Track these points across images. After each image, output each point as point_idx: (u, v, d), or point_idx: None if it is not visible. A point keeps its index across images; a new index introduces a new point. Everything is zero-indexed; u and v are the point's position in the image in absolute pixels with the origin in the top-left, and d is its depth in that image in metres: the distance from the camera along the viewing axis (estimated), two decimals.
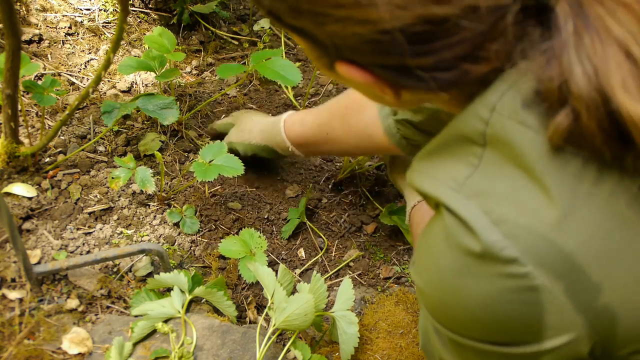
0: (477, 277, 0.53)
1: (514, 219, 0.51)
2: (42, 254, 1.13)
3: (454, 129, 0.57)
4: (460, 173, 0.55)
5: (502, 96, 0.52)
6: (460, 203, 0.53)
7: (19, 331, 1.00)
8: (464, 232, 0.53)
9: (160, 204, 1.29)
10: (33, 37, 1.55)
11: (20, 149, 1.21)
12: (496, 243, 0.51)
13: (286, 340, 1.12)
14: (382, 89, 0.58)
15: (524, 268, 0.50)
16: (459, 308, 0.57)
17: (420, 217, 1.06)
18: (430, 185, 0.58)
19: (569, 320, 0.52)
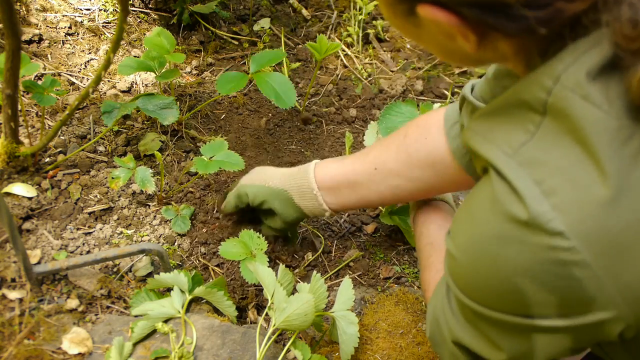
0: (519, 245, 0.53)
1: (564, 192, 0.51)
2: (42, 254, 1.13)
3: (515, 93, 0.56)
4: (516, 139, 0.54)
5: (568, 67, 0.51)
6: (513, 169, 0.53)
7: (19, 331, 1.00)
8: (513, 198, 0.53)
9: (160, 204, 1.29)
10: (33, 37, 1.55)
11: (20, 149, 1.21)
12: (544, 214, 0.51)
13: (286, 340, 1.12)
14: (466, 34, 0.54)
15: (568, 242, 0.50)
16: (494, 277, 0.56)
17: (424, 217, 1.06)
18: (485, 147, 0.57)
19: (606, 299, 0.52)
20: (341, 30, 1.86)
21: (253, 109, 1.58)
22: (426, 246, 0.98)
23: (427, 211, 1.06)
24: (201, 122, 1.51)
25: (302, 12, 1.91)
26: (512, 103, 0.57)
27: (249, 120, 1.54)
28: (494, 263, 0.56)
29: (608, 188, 0.49)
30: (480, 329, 0.64)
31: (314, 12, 1.93)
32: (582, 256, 0.50)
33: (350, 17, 1.87)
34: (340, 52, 1.79)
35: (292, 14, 1.91)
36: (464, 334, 0.67)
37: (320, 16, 1.92)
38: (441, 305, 0.72)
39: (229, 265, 1.24)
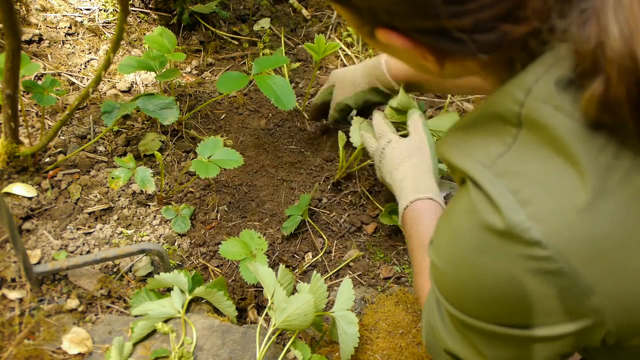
0: (497, 255, 0.53)
1: (541, 201, 0.51)
2: (42, 254, 1.13)
3: (489, 107, 0.57)
4: (492, 150, 0.55)
5: (538, 80, 0.51)
6: (489, 180, 0.53)
7: (19, 331, 1.00)
8: (489, 209, 0.53)
9: (160, 204, 1.29)
10: (33, 37, 1.55)
11: (20, 149, 1.21)
12: (520, 224, 0.51)
13: (286, 340, 1.12)
14: (424, 55, 0.57)
15: (545, 251, 0.50)
16: (475, 286, 0.57)
17: (413, 219, 1.04)
18: (461, 159, 0.58)
19: (586, 306, 0.52)
20: (341, 30, 1.86)
21: (253, 109, 1.58)
22: (417, 249, 0.97)
23: (416, 211, 1.04)
24: (201, 122, 1.51)
25: (302, 12, 1.91)
26: (486, 116, 0.57)
27: (249, 120, 1.54)
28: (474, 272, 0.56)
29: (587, 192, 0.49)
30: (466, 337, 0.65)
31: (314, 12, 1.93)
32: (560, 265, 0.50)
33: None
34: (340, 52, 1.79)
35: (292, 14, 1.91)
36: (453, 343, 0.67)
37: (320, 16, 1.92)
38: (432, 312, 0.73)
39: (228, 266, 1.24)
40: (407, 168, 1.11)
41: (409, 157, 1.13)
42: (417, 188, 1.07)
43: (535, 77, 0.51)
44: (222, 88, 1.27)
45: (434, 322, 0.71)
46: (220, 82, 1.28)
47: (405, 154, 1.14)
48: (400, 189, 1.10)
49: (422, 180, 1.09)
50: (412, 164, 1.12)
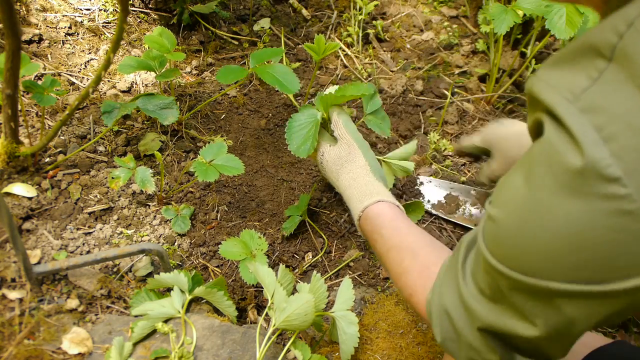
0: (572, 197, 0.52)
1: (625, 138, 0.50)
2: (42, 254, 1.13)
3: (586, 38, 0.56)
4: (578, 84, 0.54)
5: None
6: (573, 115, 0.52)
7: (19, 331, 1.00)
8: (568, 146, 0.52)
9: (160, 204, 1.29)
10: (33, 37, 1.55)
11: (20, 149, 1.21)
12: (601, 160, 0.50)
13: (286, 340, 1.12)
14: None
15: (624, 189, 0.49)
16: (546, 237, 0.55)
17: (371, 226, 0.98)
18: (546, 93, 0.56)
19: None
20: (341, 30, 1.86)
21: (253, 109, 1.58)
22: (390, 251, 0.92)
23: (370, 218, 0.99)
24: (201, 122, 1.51)
25: (302, 12, 1.91)
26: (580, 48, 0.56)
27: (249, 120, 1.54)
28: (545, 218, 0.54)
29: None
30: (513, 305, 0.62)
31: (314, 12, 1.93)
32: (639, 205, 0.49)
33: (350, 17, 1.87)
34: (340, 52, 1.79)
35: (292, 14, 1.91)
36: (493, 315, 0.64)
37: (320, 16, 1.92)
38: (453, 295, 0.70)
39: (228, 266, 1.24)
40: (344, 178, 1.08)
41: (342, 166, 1.10)
42: (361, 195, 1.03)
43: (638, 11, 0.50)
44: (222, 79, 1.27)
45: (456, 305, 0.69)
46: (220, 73, 1.28)
47: (339, 163, 1.11)
48: (348, 201, 1.07)
49: (363, 184, 1.05)
50: (347, 171, 1.09)
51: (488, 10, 1.52)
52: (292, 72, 1.27)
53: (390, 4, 1.99)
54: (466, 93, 1.73)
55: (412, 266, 0.87)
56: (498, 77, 1.73)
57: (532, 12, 1.33)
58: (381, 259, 0.96)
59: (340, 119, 1.15)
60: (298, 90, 1.26)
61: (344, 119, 1.15)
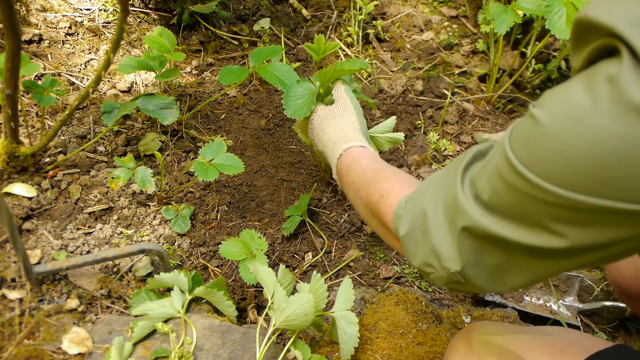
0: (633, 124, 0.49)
1: None
2: (42, 254, 1.13)
3: None
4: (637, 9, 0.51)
5: None
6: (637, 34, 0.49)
7: (19, 331, 1.00)
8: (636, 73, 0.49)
9: (160, 204, 1.29)
10: (33, 37, 1.55)
11: (20, 149, 1.21)
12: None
13: (286, 340, 1.12)
14: None
15: None
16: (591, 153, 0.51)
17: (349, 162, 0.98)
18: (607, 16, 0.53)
19: None
20: (341, 30, 1.86)
21: (253, 109, 1.58)
22: (365, 175, 0.91)
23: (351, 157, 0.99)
24: (201, 122, 1.51)
25: (302, 12, 1.91)
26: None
27: (249, 120, 1.54)
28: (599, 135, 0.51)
29: None
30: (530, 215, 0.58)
31: (314, 12, 1.93)
32: None
33: (350, 17, 1.87)
34: (340, 52, 1.79)
35: (292, 14, 1.91)
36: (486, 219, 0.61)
37: (320, 16, 1.92)
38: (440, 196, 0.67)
39: (228, 266, 1.24)
40: (333, 128, 1.10)
41: (334, 119, 1.12)
42: (345, 139, 1.05)
43: None
44: (223, 80, 1.27)
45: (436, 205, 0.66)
46: (222, 74, 1.27)
47: (330, 116, 1.13)
48: (330, 144, 1.07)
49: (350, 134, 1.07)
50: (337, 123, 1.11)
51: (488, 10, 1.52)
52: (293, 71, 1.27)
53: (390, 4, 1.99)
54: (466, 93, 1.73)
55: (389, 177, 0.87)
56: (498, 77, 1.73)
57: (532, 12, 1.33)
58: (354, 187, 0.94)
59: (343, 85, 1.19)
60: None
61: (345, 86, 1.19)
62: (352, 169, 0.97)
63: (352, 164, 0.97)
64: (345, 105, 1.14)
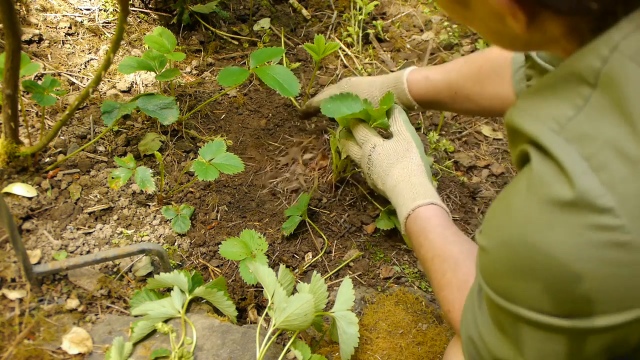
0: (563, 228, 0.50)
1: (615, 167, 0.48)
2: (42, 254, 1.13)
3: (567, 66, 0.54)
4: (563, 113, 0.52)
5: (628, 36, 0.49)
6: (560, 146, 0.51)
7: (19, 331, 1.00)
8: (557, 178, 0.50)
9: (160, 204, 1.29)
10: (33, 37, 1.55)
11: (20, 149, 1.21)
12: (592, 190, 0.48)
13: (286, 340, 1.12)
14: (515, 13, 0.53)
15: (617, 220, 0.47)
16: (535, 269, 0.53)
17: (419, 227, 0.98)
18: (529, 124, 0.54)
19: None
20: (341, 30, 1.86)
21: (253, 109, 1.58)
22: (434, 260, 0.91)
23: (421, 219, 0.99)
24: (201, 122, 1.51)
25: (302, 12, 1.91)
26: (562, 76, 0.54)
27: (249, 120, 1.54)
28: (535, 252, 0.52)
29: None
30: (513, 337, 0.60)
31: (314, 12, 1.93)
32: (632, 237, 0.47)
33: (350, 17, 1.87)
34: (340, 52, 1.79)
35: (292, 14, 1.91)
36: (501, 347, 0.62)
37: (320, 16, 1.92)
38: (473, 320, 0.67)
39: (228, 266, 1.24)
40: (398, 172, 1.08)
41: (397, 161, 1.09)
42: (414, 194, 1.02)
43: (622, 34, 0.49)
44: (223, 81, 1.27)
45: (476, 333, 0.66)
46: (221, 75, 1.27)
47: (394, 157, 1.10)
48: (396, 196, 1.06)
49: (417, 183, 1.04)
50: (402, 167, 1.08)
51: None
52: (293, 75, 1.28)
53: (390, 4, 1.99)
54: None
55: (453, 280, 0.85)
56: None
57: None
58: (424, 265, 0.95)
59: (400, 116, 1.18)
60: (298, 93, 1.26)
61: (403, 117, 1.18)
62: (421, 243, 0.97)
63: (420, 237, 0.97)
64: (408, 142, 1.12)
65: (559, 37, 0.56)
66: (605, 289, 0.50)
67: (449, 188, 1.46)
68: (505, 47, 0.63)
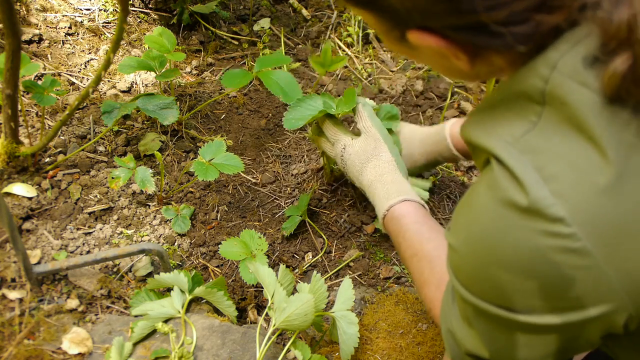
0: (519, 232, 0.53)
1: (565, 178, 0.51)
2: (42, 254, 1.13)
3: (512, 85, 0.57)
4: (517, 129, 0.55)
5: (564, 55, 0.51)
6: (513, 156, 0.53)
7: (19, 331, 1.00)
8: (513, 185, 0.53)
9: (160, 204, 1.29)
10: (33, 37, 1.55)
11: (20, 149, 1.21)
12: (544, 199, 0.50)
13: (286, 340, 1.12)
14: (456, 54, 0.57)
15: (569, 228, 0.50)
16: (495, 266, 0.55)
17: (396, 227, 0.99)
18: (485, 138, 0.57)
19: (606, 290, 0.51)
20: (341, 30, 1.86)
21: (253, 109, 1.58)
22: (412, 259, 0.93)
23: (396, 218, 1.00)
24: (201, 122, 1.51)
25: (302, 12, 1.91)
26: (511, 95, 0.57)
27: (249, 120, 1.54)
28: (494, 252, 0.55)
29: (610, 171, 0.49)
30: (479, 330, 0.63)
31: (314, 12, 1.93)
32: (583, 243, 0.50)
33: (350, 17, 1.87)
34: (340, 52, 1.79)
35: (292, 14, 1.91)
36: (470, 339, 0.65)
37: (320, 16, 1.92)
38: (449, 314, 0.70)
39: (228, 266, 1.24)
40: (369, 172, 1.08)
41: (368, 160, 1.09)
42: (387, 193, 1.03)
43: (560, 54, 0.52)
44: (227, 84, 1.27)
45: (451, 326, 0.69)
46: (225, 78, 1.27)
47: (364, 157, 1.10)
48: (372, 196, 1.07)
49: (389, 181, 1.05)
50: (373, 166, 1.08)
51: None
52: (295, 81, 1.27)
53: None
54: (466, 93, 1.73)
55: (430, 278, 0.87)
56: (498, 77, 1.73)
57: None
58: (405, 263, 0.97)
59: (365, 110, 1.15)
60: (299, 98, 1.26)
61: (368, 110, 1.15)
62: (400, 242, 0.98)
63: (398, 236, 0.98)
64: (375, 140, 1.11)
65: (505, 67, 0.59)
66: (559, 290, 0.53)
67: (449, 188, 1.46)
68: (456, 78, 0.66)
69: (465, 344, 0.66)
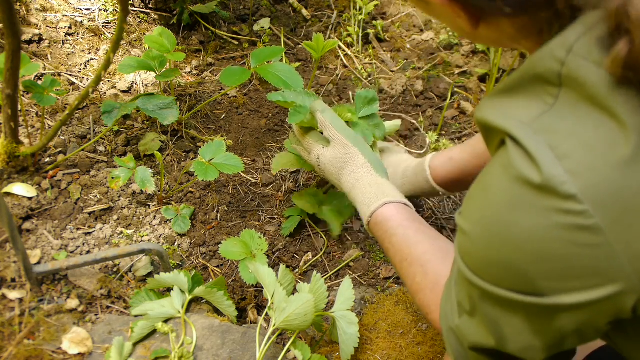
0: (532, 209, 0.53)
1: (578, 155, 0.51)
2: (42, 254, 1.13)
3: (529, 68, 0.57)
4: (534, 110, 0.56)
5: (580, 38, 0.52)
6: (528, 135, 0.54)
7: (19, 331, 1.00)
8: (527, 163, 0.53)
9: (160, 204, 1.29)
10: (33, 37, 1.55)
11: (20, 149, 1.21)
12: (557, 177, 0.51)
13: (286, 340, 1.12)
14: (458, 13, 0.59)
15: (580, 205, 0.50)
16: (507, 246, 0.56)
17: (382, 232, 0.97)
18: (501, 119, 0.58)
19: (617, 269, 0.51)
20: (341, 30, 1.86)
21: (253, 109, 1.58)
22: (402, 264, 0.92)
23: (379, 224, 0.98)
24: (201, 122, 1.51)
25: (302, 12, 1.91)
26: (527, 78, 0.58)
27: (249, 120, 1.54)
28: (507, 231, 0.55)
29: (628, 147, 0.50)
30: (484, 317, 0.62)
31: (314, 12, 1.93)
32: (595, 221, 0.50)
33: (350, 17, 1.87)
34: (340, 52, 1.79)
35: (292, 14, 1.91)
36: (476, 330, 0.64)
37: (320, 16, 1.92)
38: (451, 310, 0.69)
39: (228, 266, 1.24)
40: (346, 180, 1.07)
41: (342, 167, 1.08)
42: (367, 199, 1.01)
43: (576, 36, 0.53)
44: (225, 81, 1.26)
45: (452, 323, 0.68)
46: (223, 75, 1.27)
47: (337, 165, 1.09)
48: (354, 202, 1.05)
49: (366, 185, 1.03)
50: (348, 172, 1.06)
51: None
52: (295, 71, 1.27)
53: (390, 4, 1.99)
54: (466, 93, 1.73)
55: (424, 283, 0.86)
56: (498, 77, 1.73)
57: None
58: (395, 268, 0.96)
59: (326, 118, 1.11)
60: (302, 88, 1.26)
61: (329, 116, 1.12)
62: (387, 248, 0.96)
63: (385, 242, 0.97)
64: (344, 146, 1.09)
65: (515, 35, 0.61)
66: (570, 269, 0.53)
67: None
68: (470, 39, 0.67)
69: (469, 336, 0.65)
